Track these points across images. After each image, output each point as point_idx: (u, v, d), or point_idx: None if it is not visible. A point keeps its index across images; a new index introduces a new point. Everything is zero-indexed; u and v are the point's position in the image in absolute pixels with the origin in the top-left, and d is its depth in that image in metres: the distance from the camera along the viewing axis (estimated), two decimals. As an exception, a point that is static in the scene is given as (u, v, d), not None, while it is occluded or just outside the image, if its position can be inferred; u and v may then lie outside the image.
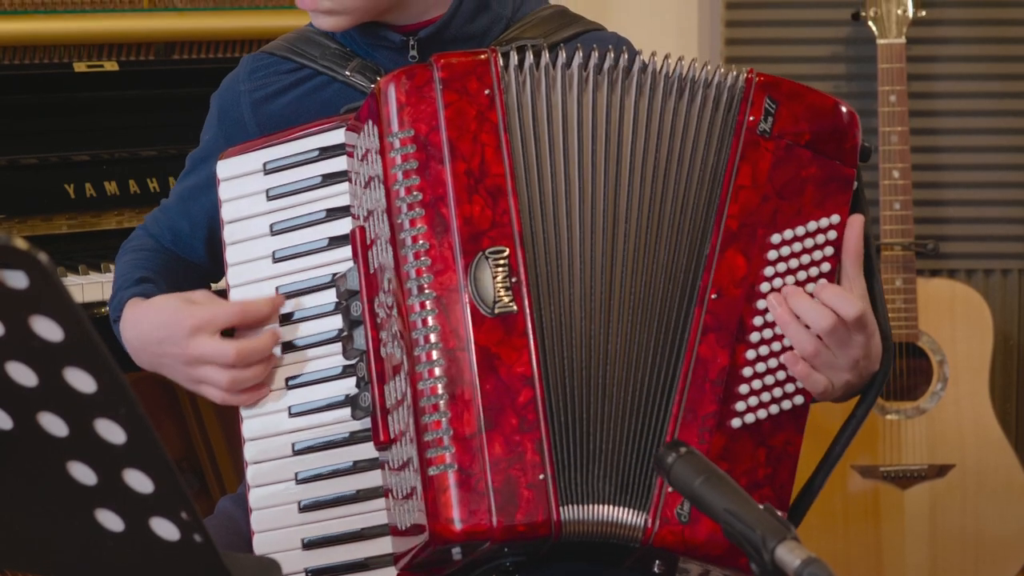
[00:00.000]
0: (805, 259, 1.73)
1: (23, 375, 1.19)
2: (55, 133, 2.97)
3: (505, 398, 1.63)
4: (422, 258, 1.66)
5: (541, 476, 1.63)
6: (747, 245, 1.72)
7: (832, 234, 1.73)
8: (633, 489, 1.69)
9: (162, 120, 3.07)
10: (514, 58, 1.72)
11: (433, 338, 1.64)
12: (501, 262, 1.66)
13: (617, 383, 1.70)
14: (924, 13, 3.73)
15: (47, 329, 1.15)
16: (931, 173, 4.02)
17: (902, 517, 3.62)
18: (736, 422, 1.71)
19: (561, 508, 1.64)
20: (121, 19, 3.12)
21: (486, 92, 1.69)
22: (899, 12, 3.68)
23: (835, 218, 1.73)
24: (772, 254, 1.72)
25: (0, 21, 2.98)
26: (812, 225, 1.73)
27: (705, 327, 1.71)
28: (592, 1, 3.95)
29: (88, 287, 2.78)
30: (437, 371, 1.64)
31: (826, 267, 1.73)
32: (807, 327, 1.69)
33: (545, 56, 1.73)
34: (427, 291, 1.65)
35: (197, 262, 2.02)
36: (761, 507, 1.29)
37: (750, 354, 1.71)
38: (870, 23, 3.69)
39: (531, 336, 1.65)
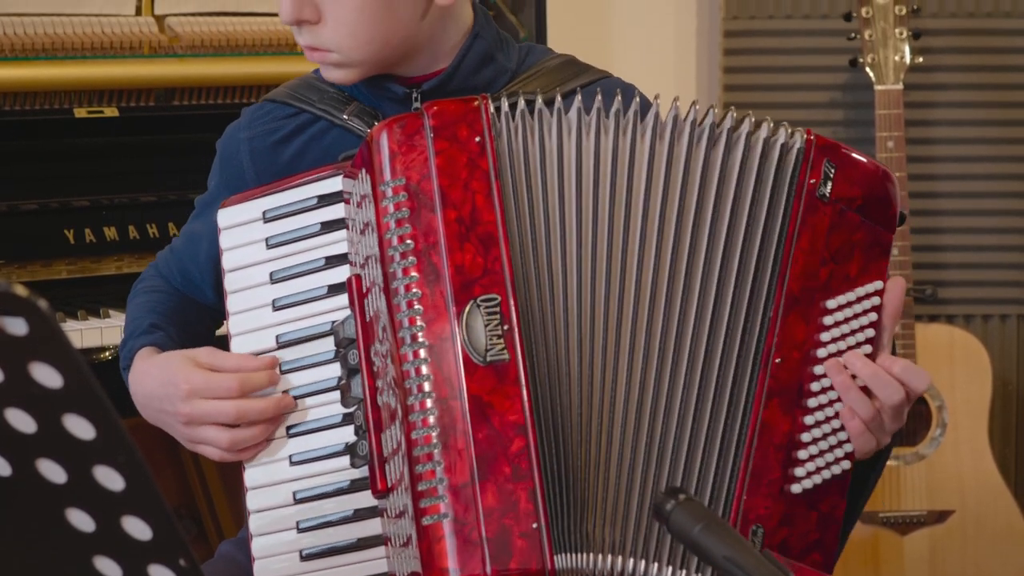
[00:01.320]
0: (855, 324, 1.73)
1: (22, 422, 1.19)
2: (55, 179, 2.98)
3: (498, 447, 1.63)
4: (415, 306, 1.66)
5: (534, 525, 1.62)
6: (807, 310, 1.71)
7: (876, 300, 1.74)
8: (635, 537, 1.69)
9: (162, 166, 3.07)
10: (505, 105, 1.72)
11: (426, 387, 1.64)
12: (493, 310, 1.65)
13: (624, 432, 1.69)
14: (921, 60, 3.75)
15: (46, 376, 1.15)
16: (929, 218, 4.03)
17: (902, 563, 3.61)
18: (796, 488, 1.71)
19: (555, 556, 1.63)
20: (122, 65, 3.13)
21: (476, 139, 1.69)
22: (897, 59, 3.69)
23: (878, 284, 1.74)
24: (827, 319, 1.72)
25: (1, 67, 3.00)
26: (860, 291, 1.73)
27: (770, 391, 1.70)
28: (591, 47, 3.96)
29: (87, 332, 2.78)
30: (430, 420, 1.63)
31: (870, 332, 1.74)
32: (867, 394, 1.70)
33: (538, 102, 1.73)
34: (420, 340, 1.65)
35: (206, 303, 2.03)
36: (760, 553, 1.28)
37: (808, 419, 1.71)
38: (868, 69, 3.71)
39: (523, 384, 1.65)
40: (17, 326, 1.13)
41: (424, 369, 1.64)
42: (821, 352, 1.72)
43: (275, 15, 3.31)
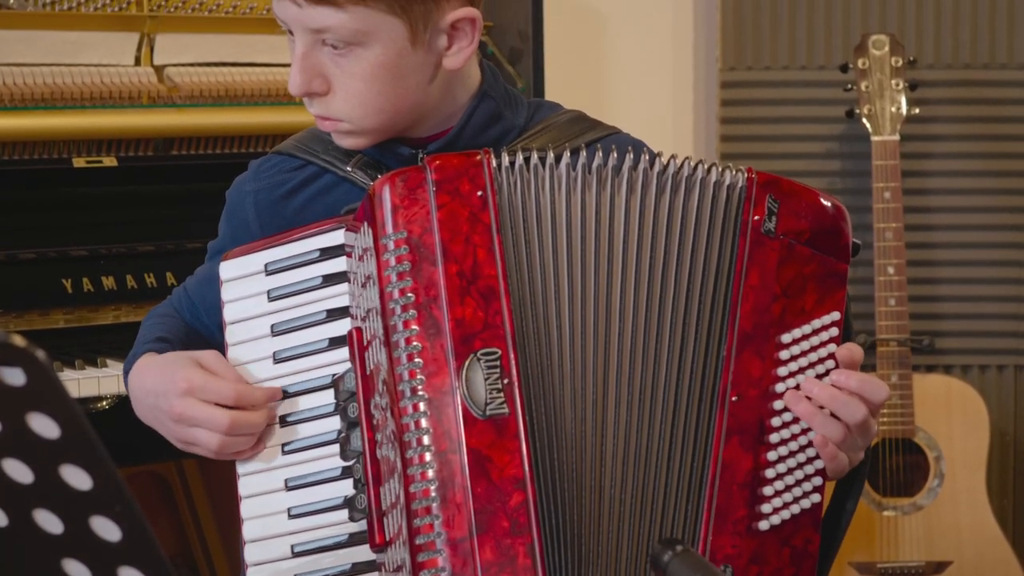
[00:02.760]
0: (812, 357, 1.73)
1: (19, 472, 1.19)
2: (53, 228, 2.98)
3: (496, 501, 1.63)
4: (415, 360, 1.65)
5: None
6: (761, 346, 1.72)
7: (834, 331, 1.75)
8: None
9: (160, 215, 3.08)
10: (506, 159, 1.72)
11: (425, 440, 1.64)
12: (493, 363, 1.65)
13: (613, 484, 1.70)
14: (918, 111, 3.76)
15: (44, 426, 1.15)
16: (926, 269, 4.03)
17: (900, 614, 3.61)
18: (764, 524, 1.70)
19: None
20: (121, 115, 3.14)
21: (479, 193, 1.70)
22: (893, 110, 3.71)
23: (835, 315, 1.75)
24: (783, 354, 1.72)
25: (0, 116, 3.01)
26: (816, 323, 1.74)
27: (729, 430, 1.70)
28: (588, 98, 3.97)
29: (84, 382, 2.78)
30: (429, 473, 1.63)
31: (831, 364, 1.74)
32: (833, 416, 1.70)
33: (535, 157, 1.73)
34: (420, 393, 1.65)
35: (214, 343, 2.03)
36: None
37: (771, 455, 1.71)
38: (864, 120, 3.72)
39: (523, 438, 1.64)
40: (15, 376, 1.13)
41: (423, 422, 1.64)
42: (780, 387, 1.72)
43: (273, 65, 3.33)
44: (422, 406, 1.65)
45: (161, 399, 1.81)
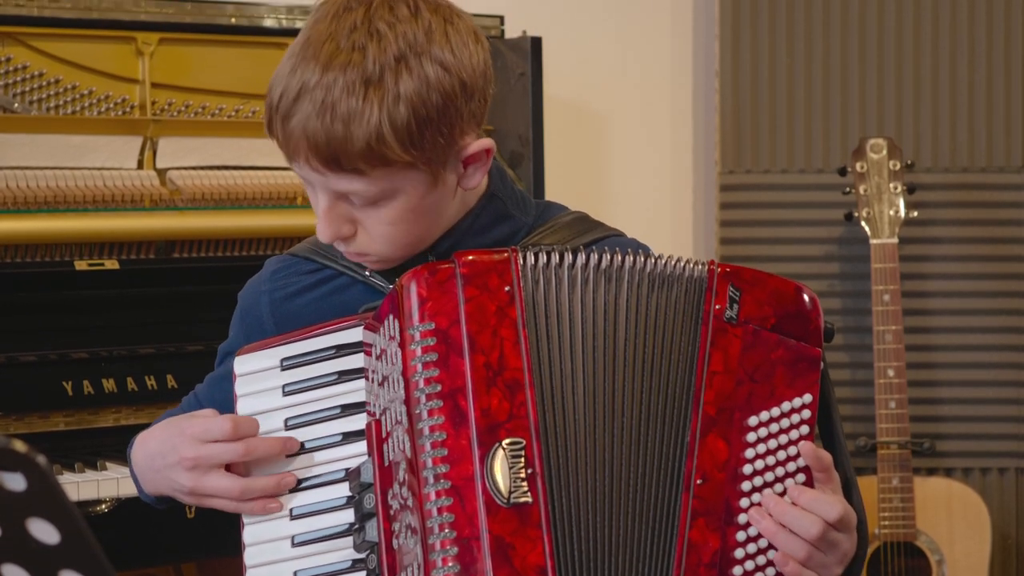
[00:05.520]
0: (783, 439, 1.76)
1: (19, 578, 1.19)
2: (54, 331, 2.98)
3: None
4: (439, 448, 1.68)
5: None
6: (726, 429, 1.75)
7: (806, 413, 1.77)
8: None
9: (161, 318, 3.08)
10: (531, 258, 1.75)
11: (447, 527, 1.65)
12: (518, 453, 1.68)
13: (618, 571, 1.71)
14: (916, 214, 3.78)
15: (44, 532, 1.15)
16: (926, 371, 4.04)
17: None
18: None
19: None
20: (123, 218, 3.16)
21: (506, 288, 1.73)
22: (892, 213, 3.73)
23: (807, 397, 1.77)
24: (751, 436, 1.75)
25: (3, 220, 3.02)
26: (786, 406, 1.77)
27: (694, 512, 1.73)
28: (588, 201, 3.99)
29: (84, 485, 2.77)
30: (450, 560, 1.65)
31: (804, 445, 1.76)
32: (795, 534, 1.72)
33: (555, 257, 1.76)
34: (443, 480, 1.67)
35: None
36: None
37: (740, 536, 1.73)
38: (863, 223, 3.74)
39: (545, 527, 1.67)
40: (15, 482, 1.13)
41: (446, 509, 1.66)
42: (747, 468, 1.74)
43: (275, 168, 3.34)
44: (445, 493, 1.66)
45: (170, 456, 1.84)
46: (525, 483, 1.67)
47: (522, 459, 1.68)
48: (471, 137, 1.82)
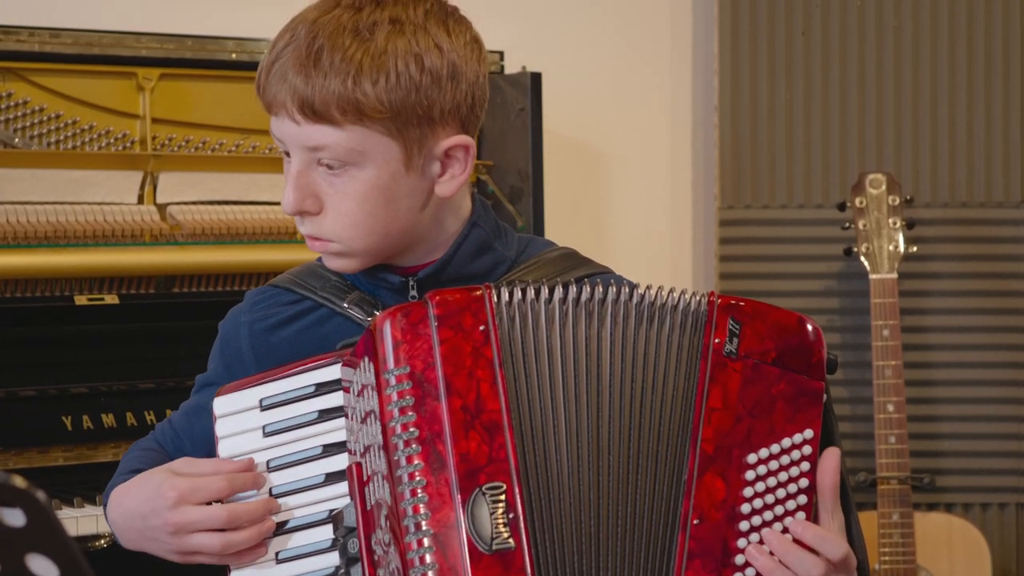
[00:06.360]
0: (783, 476, 1.73)
1: (17, 614, 1.19)
2: (54, 366, 2.99)
3: None
4: (419, 495, 1.66)
5: None
6: (724, 467, 1.72)
7: (807, 449, 1.74)
8: None
9: (160, 353, 3.08)
10: (506, 294, 1.74)
11: (431, 575, 1.64)
12: (498, 498, 1.66)
13: None
14: (915, 249, 3.79)
15: (43, 567, 1.15)
16: (926, 406, 4.03)
17: None
18: None
19: None
20: (123, 253, 3.16)
21: (481, 328, 1.71)
22: (891, 248, 3.73)
23: (808, 433, 1.74)
24: (750, 474, 1.72)
25: (4, 255, 3.02)
26: (787, 442, 1.74)
27: (690, 553, 1.70)
28: (587, 237, 4.00)
29: (83, 520, 2.77)
30: (436, 608, 1.63)
31: (804, 483, 1.73)
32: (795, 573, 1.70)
33: (530, 292, 1.75)
34: (424, 528, 1.65)
35: None
36: None
37: None
38: (862, 258, 3.74)
39: (529, 571, 1.65)
40: (15, 517, 1.13)
41: (428, 557, 1.64)
42: (745, 508, 1.72)
43: (275, 203, 3.35)
44: (427, 541, 1.64)
45: (152, 518, 1.80)
46: (507, 528, 1.65)
47: (503, 503, 1.65)
48: (452, 130, 1.83)
